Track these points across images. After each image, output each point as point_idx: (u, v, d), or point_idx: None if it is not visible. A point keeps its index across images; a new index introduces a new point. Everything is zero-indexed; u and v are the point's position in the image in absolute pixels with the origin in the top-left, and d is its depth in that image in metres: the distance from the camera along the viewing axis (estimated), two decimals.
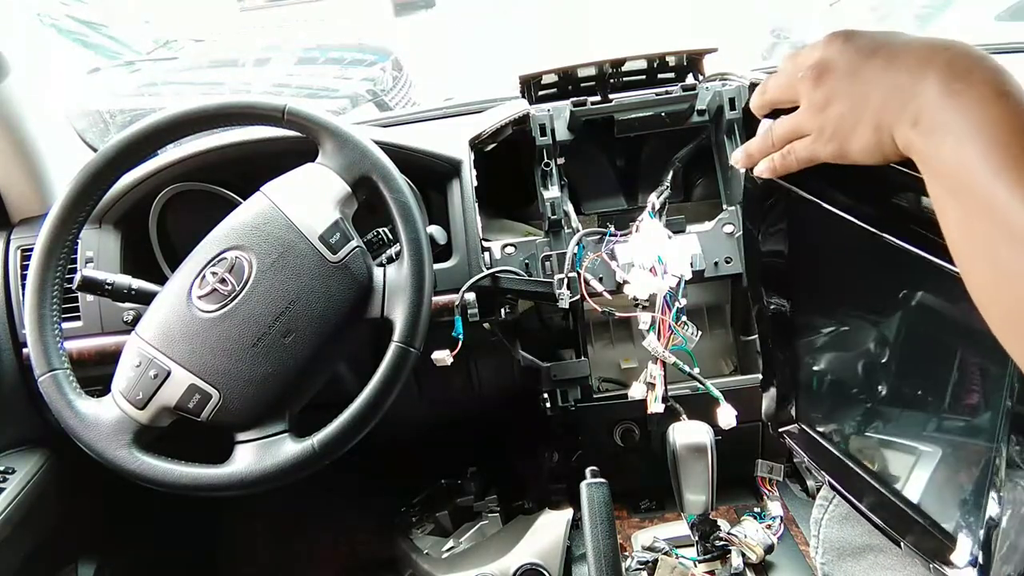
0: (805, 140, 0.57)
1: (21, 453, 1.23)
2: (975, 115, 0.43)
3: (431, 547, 1.41)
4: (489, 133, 1.21)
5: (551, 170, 1.21)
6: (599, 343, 1.31)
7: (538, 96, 1.27)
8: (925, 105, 0.46)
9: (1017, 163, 0.41)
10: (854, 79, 0.51)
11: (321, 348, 0.93)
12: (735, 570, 1.06)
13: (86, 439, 0.92)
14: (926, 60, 0.47)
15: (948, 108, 0.45)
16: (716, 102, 1.21)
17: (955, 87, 0.45)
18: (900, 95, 0.47)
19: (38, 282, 0.96)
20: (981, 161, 0.42)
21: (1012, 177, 0.41)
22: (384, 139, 1.10)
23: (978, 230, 0.43)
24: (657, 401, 1.10)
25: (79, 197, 0.97)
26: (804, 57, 0.55)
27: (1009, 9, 3.52)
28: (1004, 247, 0.41)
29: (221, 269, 0.94)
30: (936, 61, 0.46)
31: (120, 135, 0.98)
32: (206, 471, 0.91)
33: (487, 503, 1.46)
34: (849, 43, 0.52)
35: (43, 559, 1.28)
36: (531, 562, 1.19)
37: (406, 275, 0.93)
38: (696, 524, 1.07)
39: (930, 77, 0.46)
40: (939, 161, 0.45)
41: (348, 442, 0.91)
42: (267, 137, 1.14)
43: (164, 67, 3.86)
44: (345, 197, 0.96)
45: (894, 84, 0.48)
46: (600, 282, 1.12)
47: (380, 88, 3.62)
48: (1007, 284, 0.41)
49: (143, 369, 0.92)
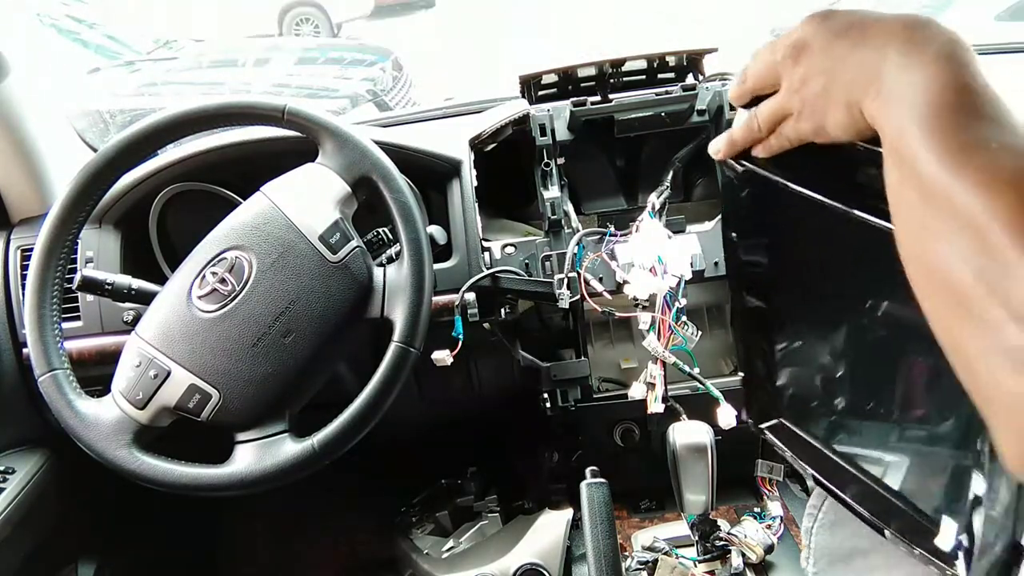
0: (789, 120, 0.58)
1: (21, 453, 1.23)
2: (921, 83, 0.45)
3: (431, 547, 1.41)
4: (489, 133, 1.21)
5: (551, 170, 1.21)
6: (599, 343, 1.31)
7: (538, 96, 1.27)
8: (884, 77, 0.48)
9: (944, 128, 0.43)
10: (827, 56, 0.52)
11: (321, 348, 0.93)
12: (735, 570, 1.06)
13: (86, 439, 0.92)
14: (889, 34, 0.49)
15: (901, 79, 0.46)
16: (716, 102, 1.21)
17: (908, 59, 0.46)
18: (866, 70, 0.49)
19: (38, 282, 0.96)
20: (916, 126, 0.44)
21: (936, 141, 0.42)
22: (384, 139, 1.10)
23: (906, 195, 0.45)
24: (657, 401, 1.10)
25: (79, 197, 0.97)
26: (782, 40, 0.56)
27: (1009, 9, 3.52)
28: (923, 209, 0.43)
29: (221, 269, 0.94)
30: (897, 35, 0.48)
31: (120, 135, 0.98)
32: (206, 471, 0.91)
33: (487, 503, 1.46)
34: (824, 22, 0.53)
35: (43, 559, 1.28)
36: (531, 562, 1.19)
37: (406, 275, 0.93)
38: (696, 524, 1.07)
39: (890, 50, 0.48)
40: (889, 129, 0.47)
41: (348, 442, 0.91)
42: (267, 137, 1.14)
43: (164, 67, 3.86)
44: (345, 197, 0.96)
45: (861, 60, 0.49)
46: (600, 282, 1.12)
47: (380, 88, 3.62)
48: (924, 247, 0.43)
49: (143, 369, 0.92)
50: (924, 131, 0.43)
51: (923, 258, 0.43)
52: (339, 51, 4.33)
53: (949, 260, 0.40)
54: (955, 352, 0.42)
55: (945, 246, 0.40)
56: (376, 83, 3.67)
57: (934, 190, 0.41)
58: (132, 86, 3.59)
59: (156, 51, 4.04)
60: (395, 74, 3.81)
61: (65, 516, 1.32)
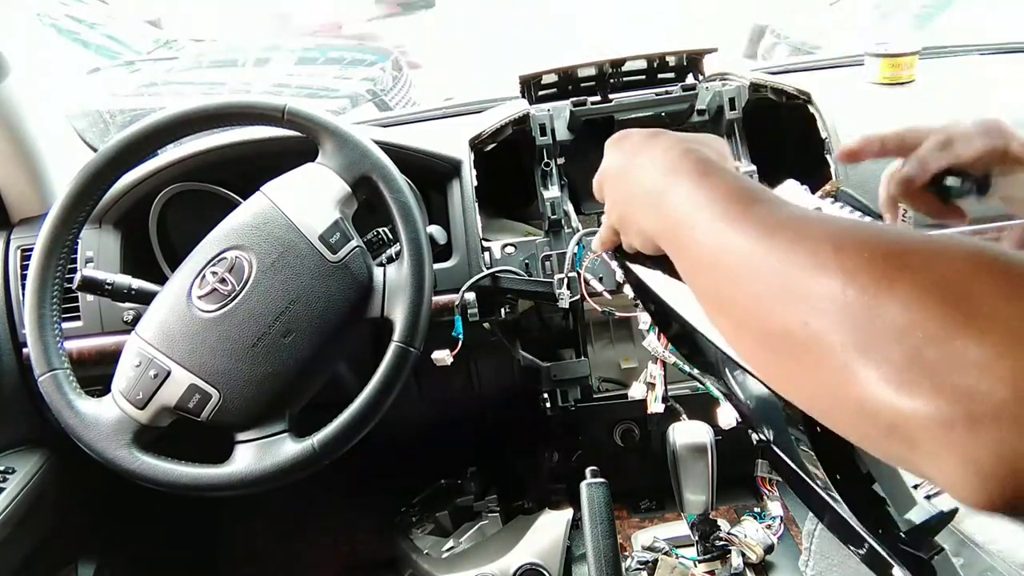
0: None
1: (21, 453, 1.23)
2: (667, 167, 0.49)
3: (431, 547, 1.40)
4: (489, 133, 1.21)
5: (551, 170, 1.21)
6: (599, 343, 1.31)
7: (538, 96, 1.27)
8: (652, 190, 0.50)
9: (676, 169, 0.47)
10: (613, 185, 0.56)
11: (321, 348, 0.93)
12: (735, 570, 1.06)
13: (86, 439, 0.92)
14: (634, 148, 0.54)
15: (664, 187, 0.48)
16: (716, 102, 1.21)
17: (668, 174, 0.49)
18: (645, 196, 0.50)
19: (38, 282, 0.96)
20: (694, 214, 0.45)
21: (719, 225, 0.42)
22: (384, 139, 1.10)
23: (710, 273, 0.44)
24: (657, 401, 1.10)
25: (79, 197, 0.97)
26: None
27: None
28: (747, 280, 0.40)
29: (221, 269, 0.94)
30: (637, 144, 0.54)
31: (120, 135, 0.98)
32: (206, 471, 0.91)
33: (487, 503, 1.46)
34: (611, 147, 0.58)
35: (43, 559, 1.28)
36: (531, 562, 1.19)
37: (406, 275, 0.93)
38: (696, 524, 1.07)
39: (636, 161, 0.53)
40: (664, 231, 0.48)
41: (348, 442, 0.91)
42: (267, 137, 1.14)
43: (164, 67, 3.86)
44: (345, 197, 0.96)
45: (641, 186, 0.51)
46: (600, 282, 1.12)
47: (380, 88, 3.62)
48: (756, 312, 0.40)
49: (143, 369, 0.92)
50: (701, 219, 0.44)
51: (759, 321, 0.39)
52: (339, 51, 4.33)
53: (786, 318, 0.36)
54: (805, 402, 0.38)
55: (779, 305, 0.37)
56: (376, 83, 3.67)
57: (747, 261, 0.39)
58: (132, 86, 3.59)
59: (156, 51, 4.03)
60: (395, 74, 3.80)
61: (65, 516, 1.32)
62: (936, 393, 0.29)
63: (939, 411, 0.29)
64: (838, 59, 1.43)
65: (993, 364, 0.28)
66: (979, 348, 0.29)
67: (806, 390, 0.37)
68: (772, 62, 2.65)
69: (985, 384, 0.28)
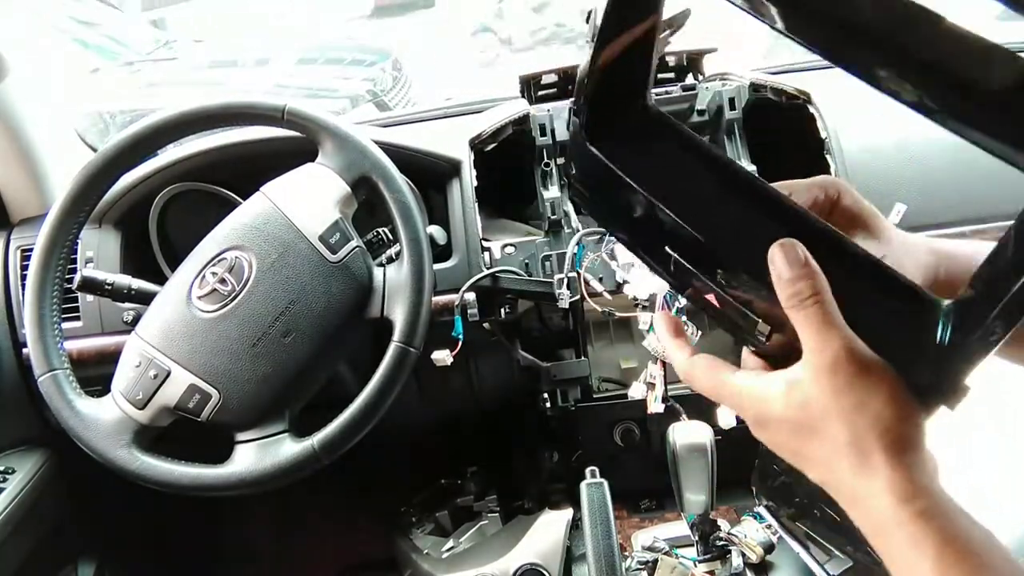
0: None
1: (21, 453, 1.23)
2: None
3: (431, 547, 1.40)
4: (489, 133, 1.21)
5: (551, 170, 1.21)
6: (599, 343, 1.31)
7: (538, 96, 1.27)
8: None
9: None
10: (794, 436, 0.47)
11: (321, 348, 0.93)
12: (735, 570, 1.05)
13: (86, 439, 0.92)
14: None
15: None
16: (716, 102, 1.21)
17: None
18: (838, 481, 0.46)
19: (38, 282, 0.96)
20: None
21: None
22: (384, 139, 1.10)
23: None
24: (657, 401, 1.10)
25: (79, 197, 0.97)
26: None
27: None
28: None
29: (221, 269, 0.94)
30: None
31: (120, 135, 0.98)
32: (206, 471, 0.91)
33: (487, 503, 1.46)
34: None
35: (43, 559, 1.28)
36: (531, 562, 1.19)
37: (406, 275, 0.93)
38: (696, 524, 1.07)
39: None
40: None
41: (348, 442, 0.91)
42: (267, 137, 1.14)
43: (164, 67, 3.86)
44: (345, 197, 0.96)
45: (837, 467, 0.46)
46: (600, 282, 1.12)
47: (380, 88, 3.62)
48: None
49: (143, 369, 0.92)
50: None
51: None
52: (339, 51, 4.33)
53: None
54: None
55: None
56: (376, 83, 3.66)
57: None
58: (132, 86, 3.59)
59: (156, 51, 4.03)
60: (395, 74, 3.80)
61: (65, 516, 1.32)
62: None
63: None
64: None
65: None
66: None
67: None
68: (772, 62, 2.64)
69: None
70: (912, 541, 0.41)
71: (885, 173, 1.14)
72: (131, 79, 3.67)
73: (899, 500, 0.41)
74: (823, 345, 0.43)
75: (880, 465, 0.42)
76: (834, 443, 0.43)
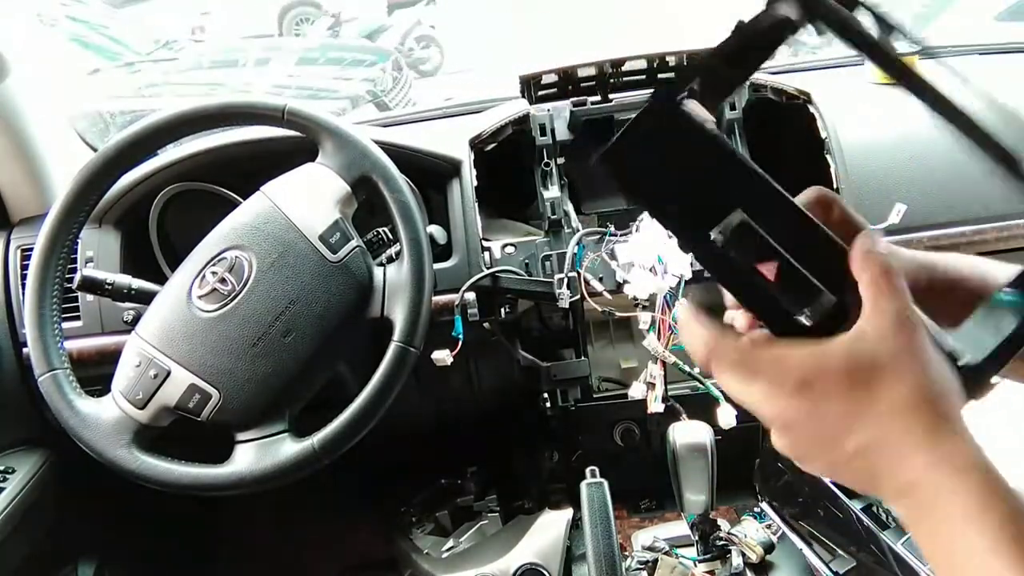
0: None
1: (21, 453, 1.23)
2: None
3: (431, 547, 1.40)
4: (489, 133, 1.21)
5: (551, 170, 1.21)
6: (599, 343, 1.31)
7: (538, 96, 1.26)
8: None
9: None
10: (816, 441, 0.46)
11: (321, 348, 0.93)
12: (735, 570, 1.06)
13: (86, 439, 0.92)
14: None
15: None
16: None
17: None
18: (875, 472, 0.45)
19: (38, 282, 0.96)
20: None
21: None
22: (384, 139, 1.10)
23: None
24: (657, 401, 1.10)
25: (79, 197, 0.97)
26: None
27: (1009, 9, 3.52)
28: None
29: (221, 269, 0.94)
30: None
31: (120, 135, 0.98)
32: (206, 471, 0.91)
33: (487, 503, 1.46)
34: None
35: (43, 559, 1.28)
36: (531, 562, 1.19)
37: (406, 275, 0.93)
38: (696, 524, 1.07)
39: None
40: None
41: (348, 442, 0.91)
42: (267, 137, 1.14)
43: (164, 68, 3.87)
44: (345, 197, 0.96)
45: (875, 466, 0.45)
46: (600, 282, 1.12)
47: (380, 88, 3.62)
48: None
49: (143, 369, 0.92)
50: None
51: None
52: (339, 51, 4.33)
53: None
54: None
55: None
56: (376, 83, 3.67)
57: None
58: (132, 87, 3.59)
59: (156, 52, 4.04)
60: (395, 74, 3.81)
61: (65, 516, 1.32)
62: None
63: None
64: (838, 59, 1.43)
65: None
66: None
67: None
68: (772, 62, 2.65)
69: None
70: (982, 500, 0.39)
71: (885, 173, 1.14)
72: (131, 79, 3.68)
73: (969, 459, 0.41)
74: (891, 299, 0.43)
75: (954, 421, 0.42)
76: (903, 395, 0.42)
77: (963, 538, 0.40)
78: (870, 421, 0.42)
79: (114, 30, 4.09)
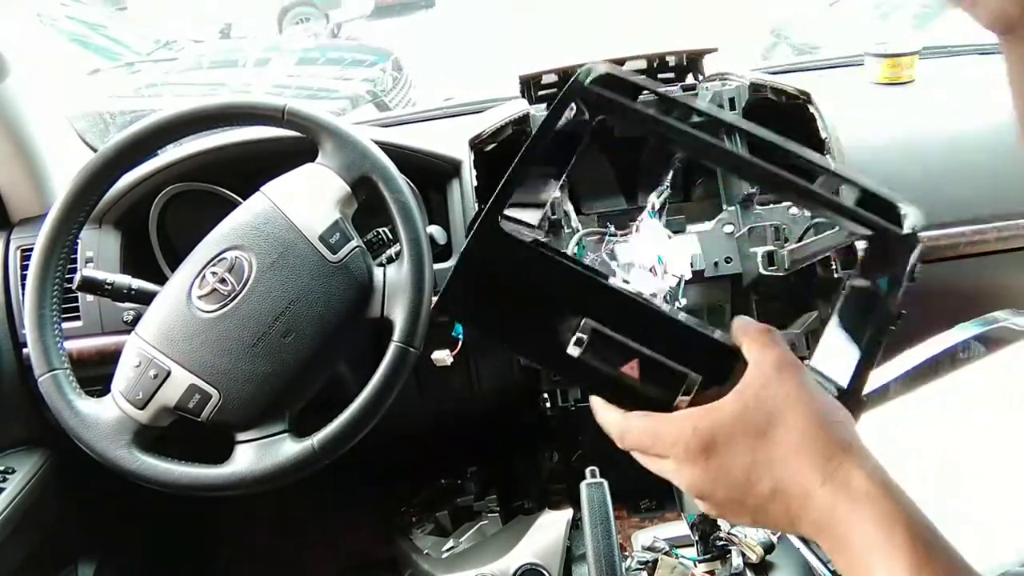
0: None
1: (21, 453, 1.23)
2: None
3: (431, 547, 1.40)
4: (489, 133, 1.21)
5: None
6: None
7: (538, 96, 1.27)
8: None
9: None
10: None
11: (321, 348, 0.93)
12: (735, 570, 1.05)
13: (86, 439, 0.92)
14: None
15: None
16: (716, 102, 1.21)
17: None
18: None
19: (38, 282, 0.96)
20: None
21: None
22: (384, 139, 1.10)
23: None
24: None
25: (79, 197, 0.97)
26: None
27: None
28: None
29: (221, 269, 0.94)
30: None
31: (120, 135, 0.98)
32: (206, 471, 0.91)
33: (487, 503, 1.46)
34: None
35: (43, 559, 1.28)
36: (531, 562, 1.19)
37: (406, 275, 0.93)
38: (696, 524, 1.07)
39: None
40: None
41: (348, 442, 0.91)
42: (267, 137, 1.14)
43: (164, 68, 3.87)
44: (345, 197, 0.96)
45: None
46: None
47: (380, 89, 3.63)
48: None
49: (143, 369, 0.92)
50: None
51: None
52: (339, 52, 4.34)
53: None
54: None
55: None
56: (376, 84, 3.67)
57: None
58: (132, 87, 3.59)
59: (156, 52, 4.04)
60: (395, 74, 3.81)
61: (65, 516, 1.32)
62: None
63: None
64: (838, 59, 1.43)
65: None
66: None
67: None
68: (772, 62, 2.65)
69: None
70: (882, 529, 0.41)
71: (885, 173, 1.14)
72: (131, 79, 3.68)
73: (864, 487, 0.42)
74: (772, 348, 0.46)
75: (850, 446, 0.43)
76: (798, 432, 0.43)
77: (875, 569, 0.41)
78: (775, 465, 0.44)
79: (114, 30, 4.09)
